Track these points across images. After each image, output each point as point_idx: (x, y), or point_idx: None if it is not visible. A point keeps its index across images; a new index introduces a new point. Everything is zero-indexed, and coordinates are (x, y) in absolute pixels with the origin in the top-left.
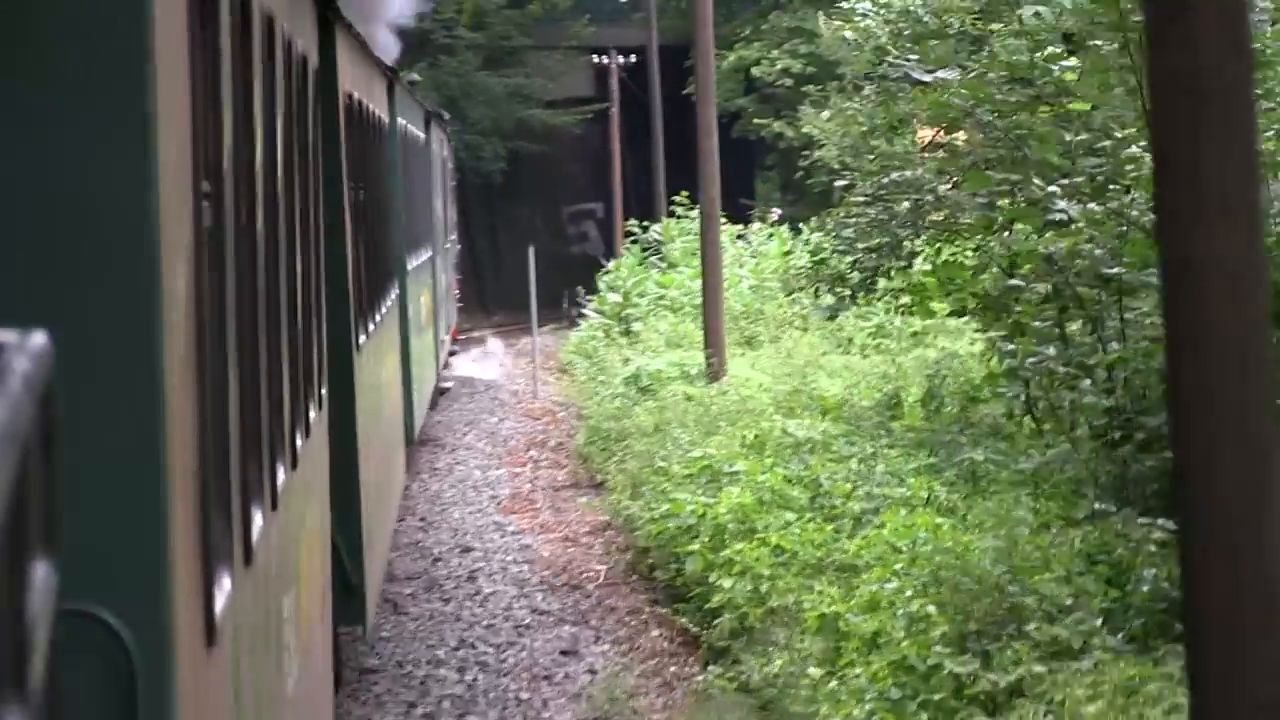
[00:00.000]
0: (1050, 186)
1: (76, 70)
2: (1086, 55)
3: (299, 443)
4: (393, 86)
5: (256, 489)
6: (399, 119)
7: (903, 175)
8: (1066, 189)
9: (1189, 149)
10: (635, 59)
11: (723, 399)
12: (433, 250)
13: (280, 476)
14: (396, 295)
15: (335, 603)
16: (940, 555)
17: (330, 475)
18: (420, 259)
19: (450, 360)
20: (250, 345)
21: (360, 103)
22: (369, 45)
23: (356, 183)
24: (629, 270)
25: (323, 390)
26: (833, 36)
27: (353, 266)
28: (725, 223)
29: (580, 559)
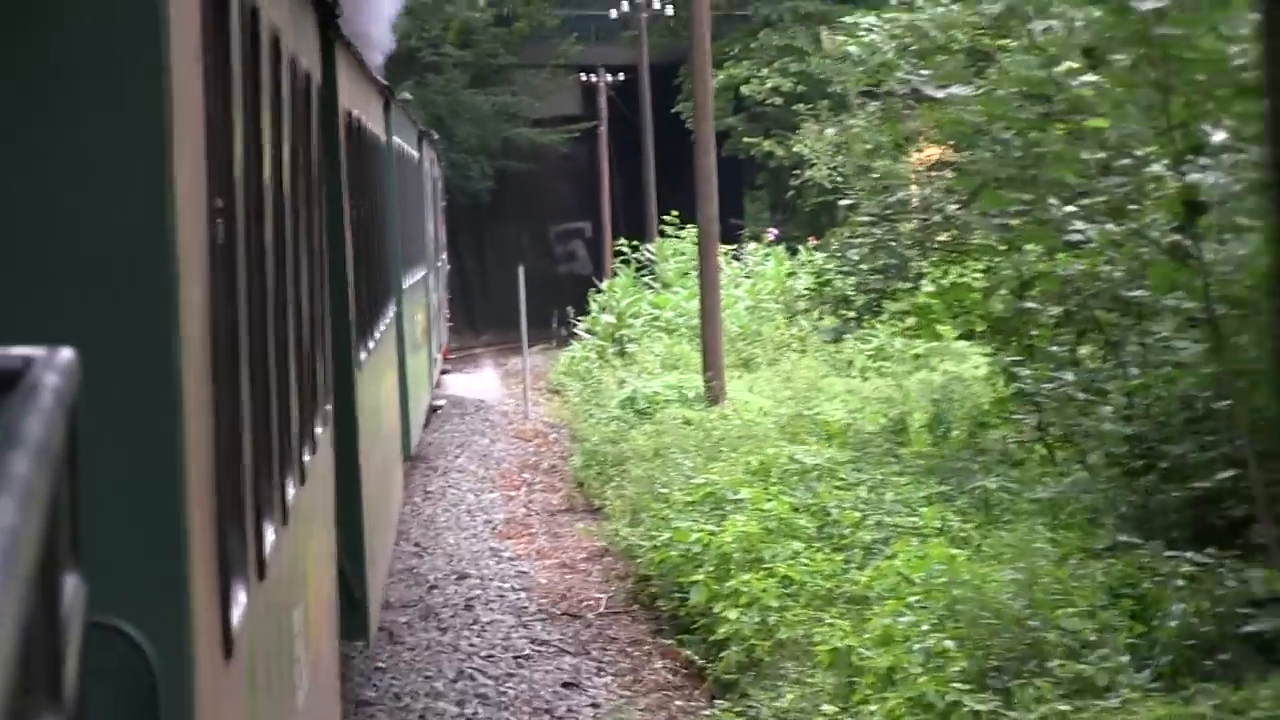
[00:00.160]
0: (1067, 206)
1: (93, 86)
2: (1107, 70)
3: (307, 458)
4: (389, 105)
5: (269, 503)
6: (394, 137)
7: (908, 194)
8: (1085, 209)
9: None
10: (623, 77)
11: (724, 423)
12: (426, 269)
13: (290, 491)
14: (394, 313)
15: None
16: (957, 588)
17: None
18: (415, 277)
19: (441, 379)
20: (261, 361)
21: (359, 121)
22: (366, 63)
23: (356, 200)
24: (622, 290)
25: (328, 406)
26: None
27: (354, 283)
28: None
29: (579, 586)
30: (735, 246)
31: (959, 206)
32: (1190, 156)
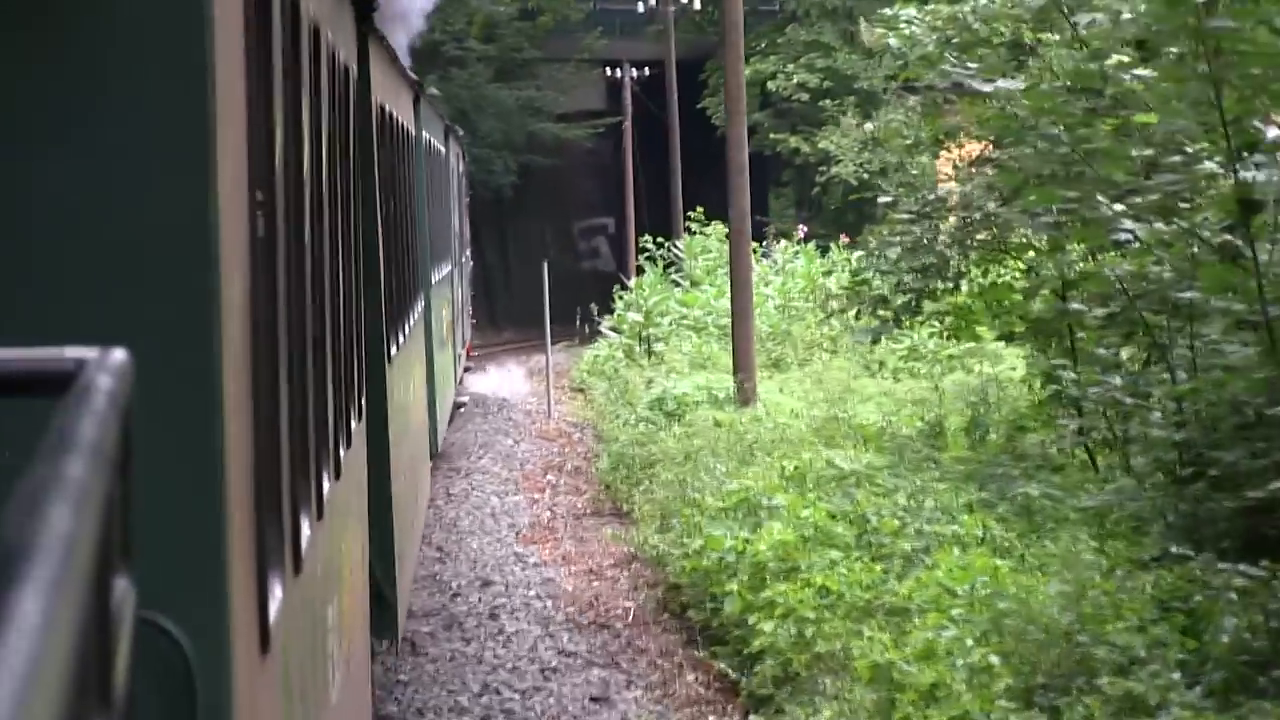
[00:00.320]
0: (1116, 205)
1: (136, 81)
2: (1159, 63)
3: (342, 452)
4: (419, 99)
5: (305, 498)
6: (423, 131)
7: (947, 191)
8: (1134, 207)
9: None
10: (648, 72)
11: (756, 426)
12: (452, 264)
13: (326, 486)
14: (422, 308)
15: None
16: (1001, 600)
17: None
18: (442, 272)
19: (464, 376)
20: (299, 355)
21: (391, 114)
22: (398, 57)
23: (388, 195)
24: (650, 288)
25: (362, 400)
26: (876, 44)
27: (385, 278)
28: None
29: (606, 594)
30: (762, 243)
31: (1000, 204)
32: (1244, 154)
